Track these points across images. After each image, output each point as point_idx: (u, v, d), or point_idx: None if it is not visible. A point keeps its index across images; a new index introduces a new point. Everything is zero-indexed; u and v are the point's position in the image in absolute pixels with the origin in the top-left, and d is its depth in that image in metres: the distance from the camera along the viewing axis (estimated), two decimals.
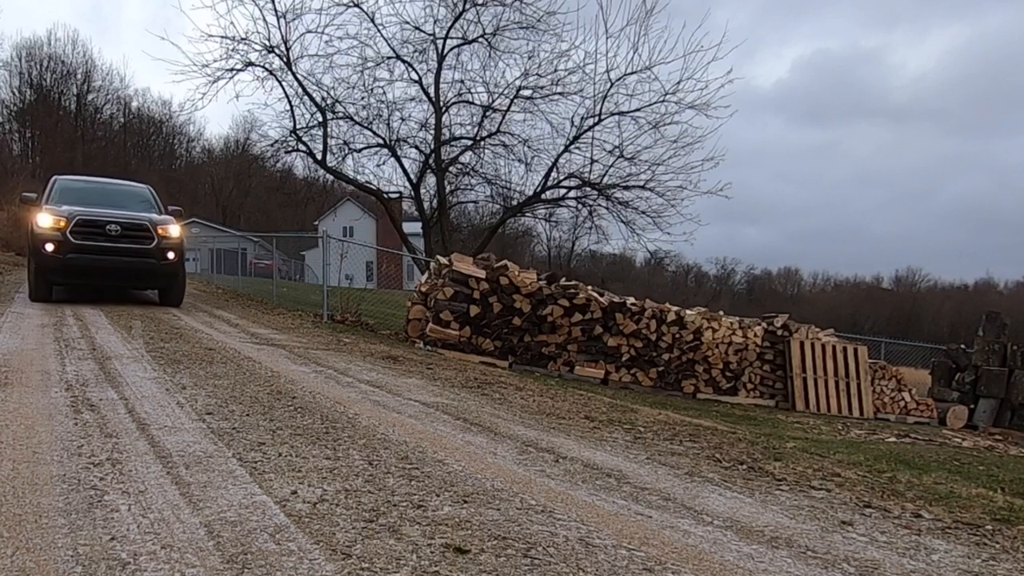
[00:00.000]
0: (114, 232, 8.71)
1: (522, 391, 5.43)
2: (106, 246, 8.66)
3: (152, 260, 8.98)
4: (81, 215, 8.65)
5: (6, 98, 36.20)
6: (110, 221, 8.74)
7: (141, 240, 8.92)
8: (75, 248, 8.50)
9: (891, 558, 2.38)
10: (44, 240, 8.46)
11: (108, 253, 8.69)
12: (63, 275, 8.77)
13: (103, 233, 8.66)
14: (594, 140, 12.98)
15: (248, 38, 12.75)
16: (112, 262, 8.76)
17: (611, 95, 12.58)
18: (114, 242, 8.71)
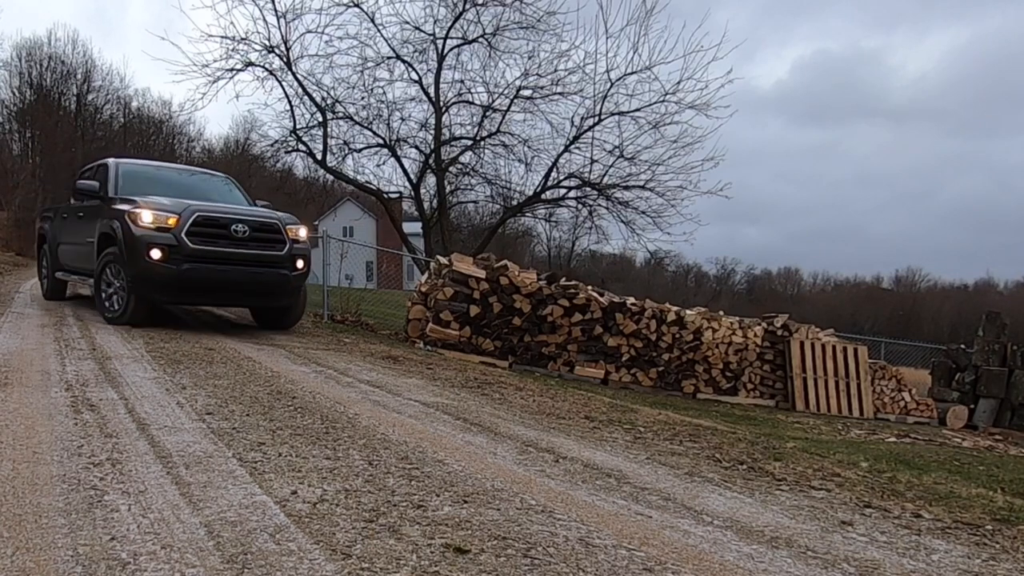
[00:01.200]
0: (241, 234, 6.67)
1: (522, 391, 5.43)
2: (231, 252, 6.63)
3: (284, 271, 6.97)
4: (201, 211, 6.62)
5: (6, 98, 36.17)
6: (235, 219, 6.72)
7: (272, 245, 6.93)
8: (193, 255, 6.44)
9: (891, 558, 2.38)
10: (148, 244, 6.35)
11: (233, 262, 6.66)
12: (175, 292, 6.64)
13: (227, 235, 6.62)
14: (594, 140, 12.99)
15: (248, 38, 12.75)
16: (239, 274, 6.71)
17: (611, 95, 12.58)
18: (240, 247, 6.68)
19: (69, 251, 8.33)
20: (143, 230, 6.46)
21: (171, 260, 6.40)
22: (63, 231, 8.58)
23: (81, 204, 7.97)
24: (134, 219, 6.51)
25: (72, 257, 8.25)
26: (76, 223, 8.06)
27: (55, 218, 9.12)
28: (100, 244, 7.05)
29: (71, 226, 8.28)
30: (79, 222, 7.94)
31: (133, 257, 6.49)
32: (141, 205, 6.62)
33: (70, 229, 8.31)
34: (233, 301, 7.57)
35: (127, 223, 6.53)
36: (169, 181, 8.20)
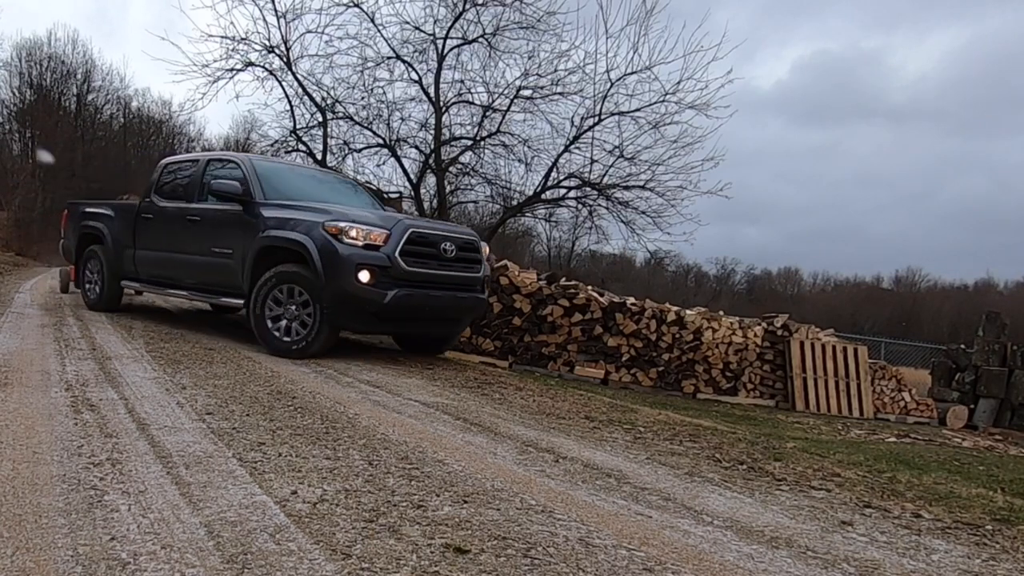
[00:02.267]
0: (449, 253, 6.00)
1: (522, 391, 5.42)
2: (441, 275, 5.97)
3: (481, 295, 6.49)
4: (413, 227, 5.86)
5: (6, 98, 36.19)
6: (444, 236, 6.05)
7: (472, 266, 6.30)
8: (406, 279, 5.65)
9: (891, 558, 2.38)
10: (358, 265, 5.47)
11: (444, 285, 6.00)
12: (378, 320, 5.81)
13: (437, 255, 5.92)
14: (594, 140, 12.96)
15: (248, 38, 12.72)
16: (448, 300, 6.07)
17: (611, 95, 12.56)
18: (448, 268, 6.03)
19: (159, 259, 7.14)
20: (350, 247, 5.50)
21: (379, 284, 5.51)
22: (146, 234, 7.35)
23: (185, 206, 6.94)
24: (338, 234, 5.54)
25: (165, 266, 7.10)
26: (182, 227, 6.88)
27: (118, 216, 7.83)
28: (258, 259, 5.98)
29: (169, 230, 7.06)
30: (191, 227, 6.77)
31: (335, 278, 5.47)
32: (341, 217, 5.71)
33: (167, 233, 7.07)
34: (427, 329, 6.66)
35: (327, 238, 5.55)
36: (303, 184, 7.21)
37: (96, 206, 8.51)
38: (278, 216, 6.01)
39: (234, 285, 6.27)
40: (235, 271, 6.21)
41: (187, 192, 7.10)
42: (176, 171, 7.57)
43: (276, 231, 5.93)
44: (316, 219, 5.74)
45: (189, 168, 7.37)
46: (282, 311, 5.79)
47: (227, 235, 6.37)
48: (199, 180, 6.98)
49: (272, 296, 5.81)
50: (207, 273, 6.62)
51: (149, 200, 7.47)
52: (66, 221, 8.76)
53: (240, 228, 6.24)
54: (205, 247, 6.57)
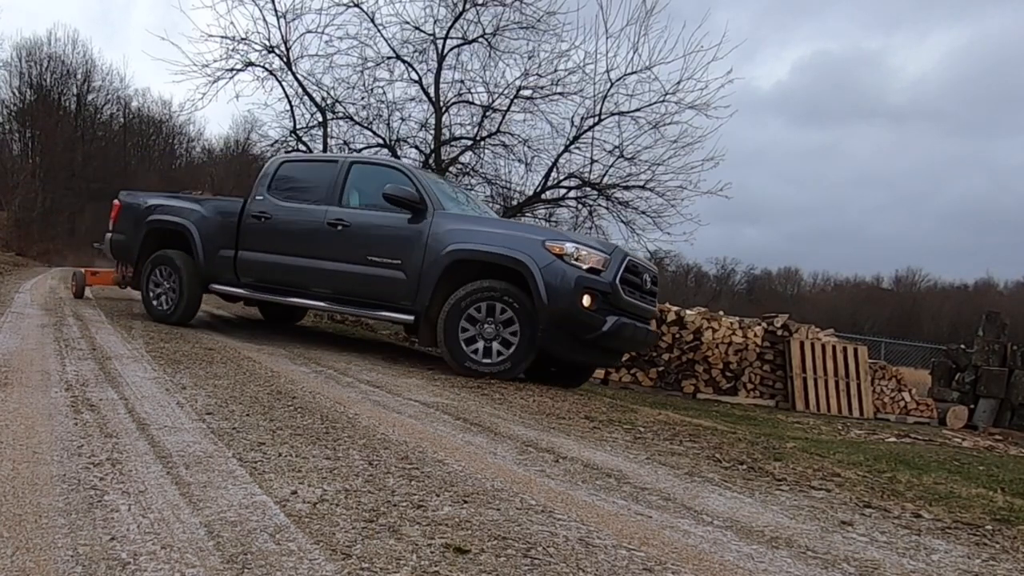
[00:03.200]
0: (647, 285, 5.93)
1: (522, 391, 5.42)
2: (640, 307, 5.83)
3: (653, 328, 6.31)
4: (629, 255, 5.72)
5: (6, 98, 36.22)
6: (646, 266, 5.97)
7: (655, 299, 6.22)
8: (619, 307, 5.52)
9: (891, 558, 2.38)
10: (584, 288, 5.28)
11: (640, 317, 5.88)
12: (587, 347, 5.63)
13: (640, 286, 5.83)
14: (594, 140, 12.98)
15: (248, 38, 12.74)
16: (643, 332, 5.95)
17: (611, 95, 12.57)
18: (644, 300, 5.90)
19: (279, 264, 6.63)
20: (576, 269, 5.31)
21: (599, 310, 5.34)
22: (259, 236, 6.77)
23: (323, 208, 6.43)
24: (562, 254, 5.37)
25: (286, 272, 6.60)
26: (319, 232, 6.38)
27: (212, 213, 7.12)
28: (445, 274, 5.69)
29: (298, 233, 6.56)
30: (335, 233, 6.29)
31: (557, 300, 5.25)
32: (559, 236, 5.64)
33: (295, 237, 6.58)
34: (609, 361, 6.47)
35: (552, 257, 5.35)
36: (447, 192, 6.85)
37: (171, 199, 7.65)
38: (464, 228, 5.77)
39: (400, 299, 5.91)
40: (404, 284, 5.85)
41: (321, 194, 6.54)
42: (301, 171, 7.07)
43: (469, 244, 5.64)
44: (532, 236, 5.58)
45: (323, 169, 6.82)
46: (476, 331, 5.53)
47: (392, 245, 5.99)
48: (340, 183, 6.49)
49: (466, 315, 5.50)
50: (360, 284, 6.16)
51: (261, 199, 6.85)
52: (118, 214, 7.75)
53: (410, 238, 5.90)
54: (358, 255, 6.13)
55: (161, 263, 7.19)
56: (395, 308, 5.96)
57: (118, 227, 7.72)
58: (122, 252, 7.84)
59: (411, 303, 5.85)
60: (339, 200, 6.45)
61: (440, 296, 5.66)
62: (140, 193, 8.19)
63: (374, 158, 7.43)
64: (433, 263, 5.70)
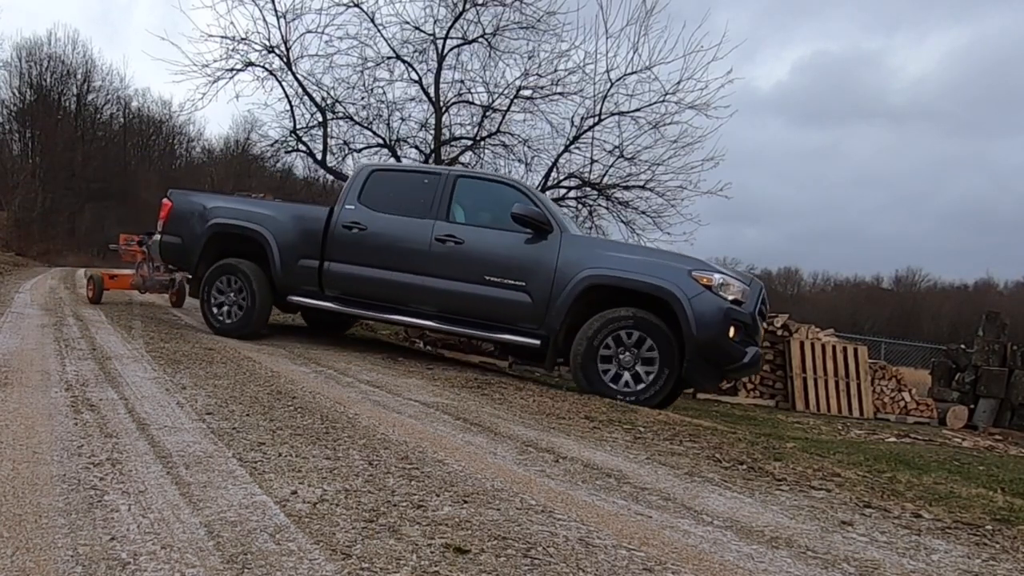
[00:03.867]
0: (765, 313, 6.15)
1: (522, 391, 5.42)
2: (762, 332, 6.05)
3: None
4: (763, 286, 5.82)
5: (6, 98, 36.23)
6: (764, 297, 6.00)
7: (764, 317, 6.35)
8: (754, 340, 5.68)
9: (891, 558, 2.38)
10: (732, 319, 5.35)
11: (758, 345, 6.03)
12: (723, 376, 5.93)
13: (764, 312, 6.03)
14: (594, 140, 12.97)
15: (248, 38, 12.73)
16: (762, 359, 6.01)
17: (611, 95, 12.56)
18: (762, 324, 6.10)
19: (375, 279, 6.30)
20: (724, 301, 5.33)
21: (742, 341, 5.43)
22: (352, 247, 6.41)
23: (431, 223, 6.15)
24: (711, 285, 5.37)
25: (385, 288, 6.28)
26: (426, 247, 6.10)
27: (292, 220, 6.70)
28: (579, 299, 5.58)
29: (400, 247, 6.25)
30: (446, 249, 6.04)
31: (706, 332, 5.26)
32: (705, 267, 5.53)
33: (396, 251, 6.26)
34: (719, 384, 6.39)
35: (700, 288, 5.34)
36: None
37: (238, 202, 7.18)
38: (597, 253, 5.71)
39: (522, 321, 5.81)
40: (530, 307, 5.74)
41: (423, 208, 6.25)
42: (395, 181, 6.73)
43: (606, 270, 5.56)
44: (677, 264, 5.54)
45: (422, 181, 6.51)
46: (614, 358, 5.45)
47: (515, 266, 5.84)
48: (446, 197, 6.24)
49: (605, 344, 5.44)
50: (475, 304, 5.97)
51: (352, 208, 6.48)
52: (169, 215, 7.17)
53: (536, 260, 5.77)
54: (474, 274, 5.95)
55: (228, 272, 6.71)
56: (516, 331, 5.84)
57: (170, 228, 7.12)
58: (176, 256, 7.22)
59: (537, 327, 5.75)
60: (446, 215, 6.20)
61: (571, 321, 5.58)
62: (194, 192, 7.70)
63: (482, 173, 6.83)
64: (565, 287, 5.61)
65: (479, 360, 8.22)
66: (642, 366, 5.41)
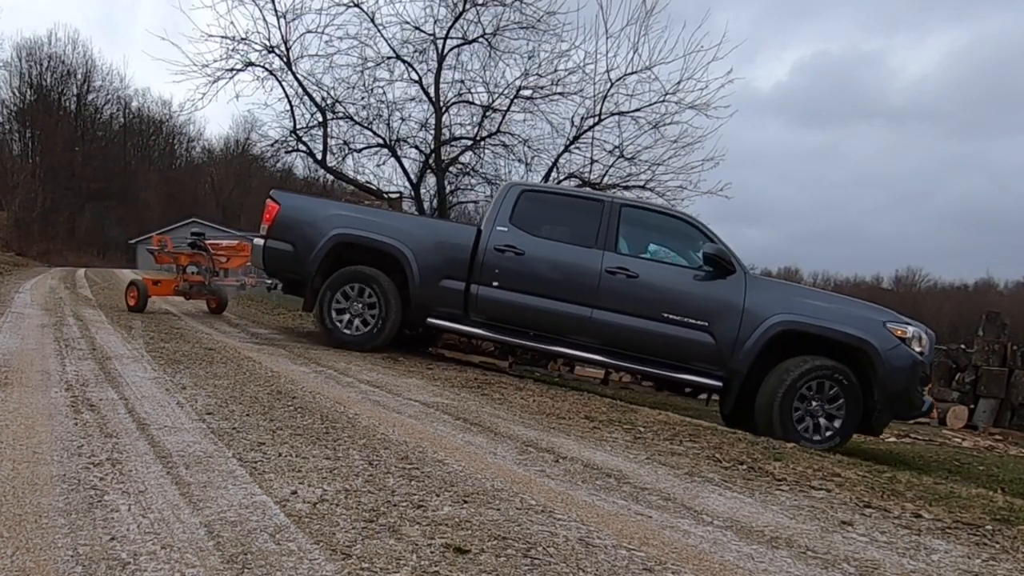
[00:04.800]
0: None
1: (522, 391, 5.42)
2: None
3: None
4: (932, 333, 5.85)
5: (6, 98, 36.26)
6: None
7: None
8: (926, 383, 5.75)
9: (891, 558, 2.38)
10: (923, 373, 5.52)
11: None
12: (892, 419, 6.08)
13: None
14: (594, 140, 12.98)
15: (248, 38, 12.72)
16: None
17: (611, 95, 12.56)
18: None
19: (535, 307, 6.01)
20: (914, 353, 5.42)
21: (920, 391, 5.61)
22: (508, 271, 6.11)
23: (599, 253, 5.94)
24: (904, 337, 5.44)
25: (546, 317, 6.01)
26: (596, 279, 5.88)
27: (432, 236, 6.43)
28: (769, 344, 5.51)
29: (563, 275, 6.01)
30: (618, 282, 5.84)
31: (897, 382, 5.36)
32: (896, 319, 5.60)
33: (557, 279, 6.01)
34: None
35: (896, 341, 5.41)
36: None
37: (366, 213, 6.79)
38: (786, 298, 5.68)
39: (703, 362, 5.71)
40: (713, 349, 5.64)
41: (587, 236, 6.03)
42: (550, 205, 6.48)
43: (799, 317, 5.53)
44: (871, 315, 5.59)
45: (582, 207, 6.28)
46: (802, 407, 5.39)
47: (696, 305, 5.72)
48: (613, 227, 6.01)
49: (799, 394, 5.37)
50: (649, 341, 5.81)
51: (505, 230, 6.16)
52: (276, 220, 6.60)
53: (721, 301, 5.67)
54: (650, 310, 5.79)
55: (360, 280, 6.34)
56: (695, 371, 5.75)
57: (278, 234, 6.55)
58: (284, 265, 6.66)
59: (719, 368, 5.67)
60: (614, 246, 5.98)
61: (758, 366, 5.53)
62: (302, 197, 7.23)
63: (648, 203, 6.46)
64: (755, 331, 5.54)
65: (479, 360, 8.22)
66: (826, 415, 5.40)
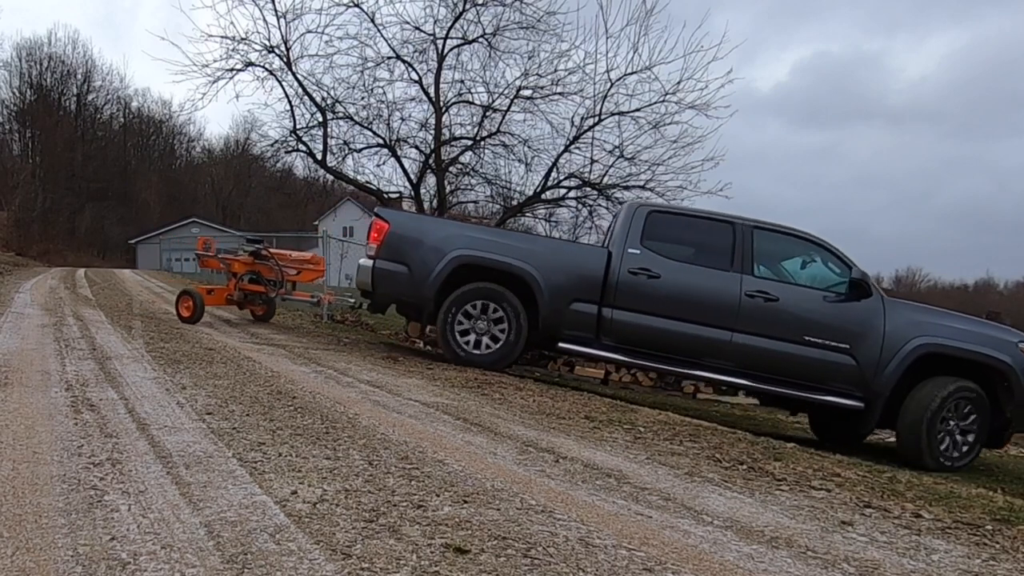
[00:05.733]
0: None
1: (522, 391, 5.42)
2: None
3: None
4: None
5: (6, 98, 36.27)
6: None
7: None
8: None
9: (891, 558, 2.38)
10: None
11: None
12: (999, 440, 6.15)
13: None
14: (594, 140, 12.97)
15: (248, 38, 12.72)
16: None
17: (611, 95, 12.56)
18: None
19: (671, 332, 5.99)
20: None
21: None
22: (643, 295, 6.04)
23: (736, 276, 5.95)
24: None
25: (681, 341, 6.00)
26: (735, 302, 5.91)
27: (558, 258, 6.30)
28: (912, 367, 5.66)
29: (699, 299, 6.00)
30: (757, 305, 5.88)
31: None
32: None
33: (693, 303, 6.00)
34: None
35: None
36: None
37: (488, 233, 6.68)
38: (925, 321, 5.80)
39: (843, 383, 5.82)
40: (854, 371, 5.77)
41: (722, 259, 6.05)
42: (680, 226, 6.44)
43: (940, 339, 5.69)
44: (1005, 337, 5.77)
45: (712, 228, 6.26)
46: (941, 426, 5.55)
47: (838, 327, 5.83)
48: (747, 249, 6.05)
49: (943, 419, 5.53)
50: (789, 363, 5.87)
51: (638, 252, 6.08)
52: (386, 239, 6.33)
53: (862, 323, 5.80)
54: (791, 333, 5.86)
55: (487, 298, 6.16)
56: (835, 392, 5.85)
57: (389, 255, 6.30)
58: (399, 287, 6.37)
59: (859, 389, 5.80)
60: (751, 268, 6.03)
61: (899, 388, 5.68)
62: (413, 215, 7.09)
63: (778, 225, 6.25)
64: (896, 354, 5.69)
65: None
66: (962, 434, 5.59)
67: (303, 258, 8.58)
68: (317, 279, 8.80)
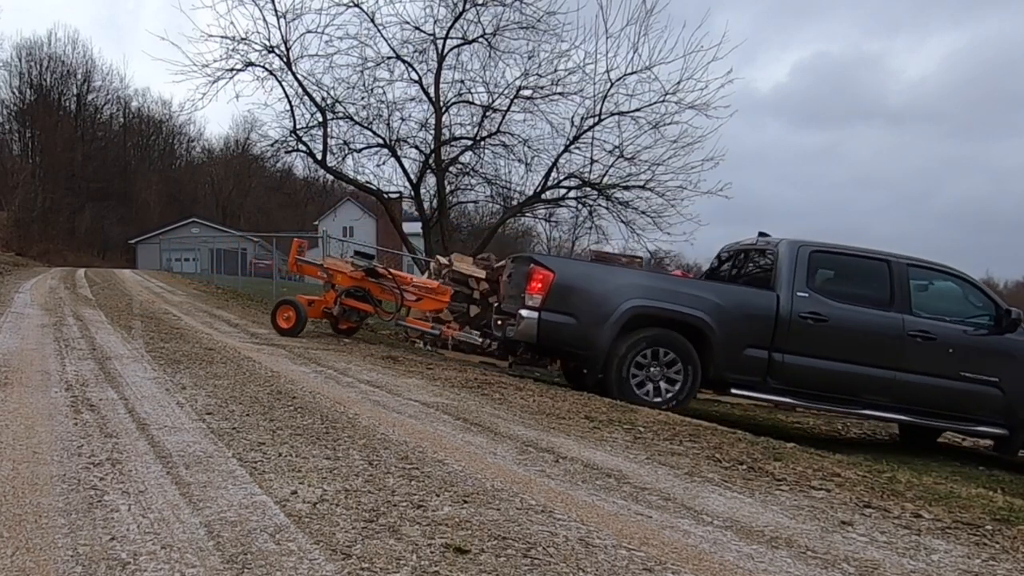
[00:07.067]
0: None
1: (522, 391, 5.42)
2: None
3: None
4: None
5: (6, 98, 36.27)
6: None
7: None
8: None
9: (891, 558, 2.38)
10: None
11: None
12: None
13: None
14: (594, 140, 13.00)
15: (248, 38, 12.76)
16: None
17: (611, 95, 12.59)
18: None
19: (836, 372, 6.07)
20: None
21: None
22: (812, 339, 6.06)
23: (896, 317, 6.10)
24: None
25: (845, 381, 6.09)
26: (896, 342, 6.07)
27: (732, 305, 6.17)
28: None
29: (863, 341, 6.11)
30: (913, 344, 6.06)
31: None
32: None
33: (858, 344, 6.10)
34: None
35: None
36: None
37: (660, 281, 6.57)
38: None
39: (988, 413, 6.20)
40: (1000, 400, 6.14)
41: (882, 299, 6.20)
42: (839, 265, 6.49)
43: None
44: None
45: (868, 267, 6.35)
46: None
47: (987, 361, 6.17)
48: (904, 288, 6.20)
49: None
50: (942, 397, 6.12)
51: (806, 296, 6.10)
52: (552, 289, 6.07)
53: (1006, 355, 6.20)
54: (949, 370, 6.09)
55: (659, 344, 6.03)
56: (981, 421, 6.25)
57: (556, 305, 6.07)
58: (567, 338, 6.16)
59: (1003, 418, 6.22)
60: (909, 308, 6.19)
61: None
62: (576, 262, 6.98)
63: (927, 261, 6.40)
64: None
65: (479, 360, 8.22)
66: None
67: (426, 285, 7.76)
68: (440, 310, 8.05)
